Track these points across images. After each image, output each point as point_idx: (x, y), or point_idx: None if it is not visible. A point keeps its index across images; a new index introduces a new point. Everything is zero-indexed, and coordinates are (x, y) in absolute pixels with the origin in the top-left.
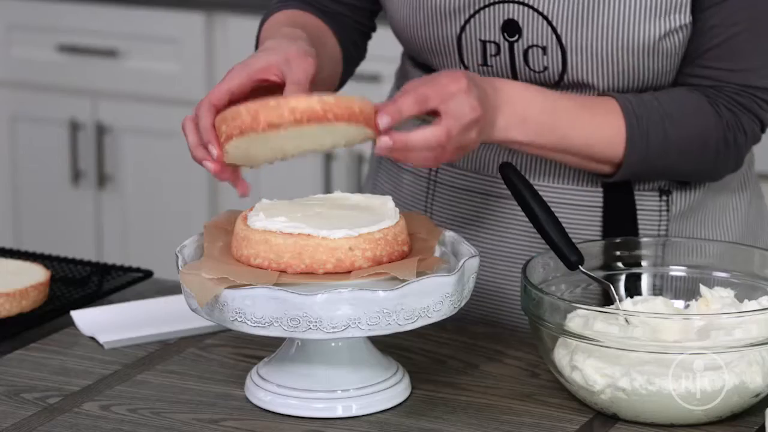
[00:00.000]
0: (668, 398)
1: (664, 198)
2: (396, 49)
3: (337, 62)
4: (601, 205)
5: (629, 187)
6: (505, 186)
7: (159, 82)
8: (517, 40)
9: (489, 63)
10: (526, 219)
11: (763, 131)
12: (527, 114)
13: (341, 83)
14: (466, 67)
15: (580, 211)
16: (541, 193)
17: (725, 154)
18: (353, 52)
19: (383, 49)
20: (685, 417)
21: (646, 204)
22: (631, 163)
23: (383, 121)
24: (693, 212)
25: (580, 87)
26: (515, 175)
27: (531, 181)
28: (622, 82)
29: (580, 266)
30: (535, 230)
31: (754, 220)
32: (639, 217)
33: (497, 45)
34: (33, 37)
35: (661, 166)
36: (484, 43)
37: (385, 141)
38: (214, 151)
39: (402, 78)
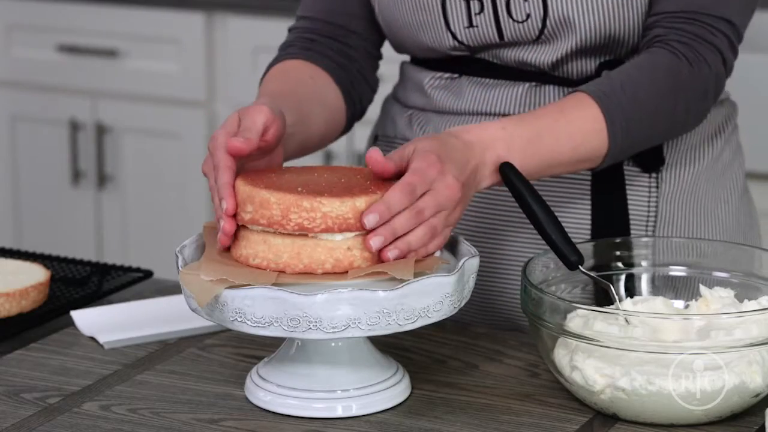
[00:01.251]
0: (668, 398)
1: (654, 175)
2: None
3: (338, 110)
4: (589, 178)
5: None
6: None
7: (159, 82)
8: None
9: (474, 23)
10: (526, 219)
11: (726, 65)
12: (511, 154)
13: (350, 121)
14: (453, 34)
15: (569, 183)
16: None
17: (694, 101)
18: (363, 89)
19: (383, 48)
20: (685, 417)
21: (636, 180)
22: (616, 145)
23: (369, 220)
24: (684, 197)
25: (562, 30)
26: (515, 175)
27: None
28: (603, 17)
29: (580, 266)
30: (535, 231)
31: (744, 217)
32: (629, 192)
33: (480, 1)
34: (33, 37)
35: (643, 135)
36: (467, 1)
37: (377, 240)
38: (226, 204)
39: (404, 89)
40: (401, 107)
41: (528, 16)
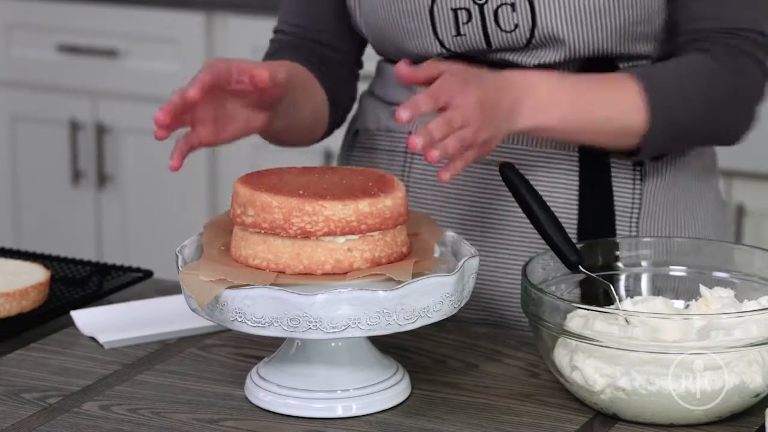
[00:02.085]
0: (668, 398)
1: (638, 168)
2: None
3: (323, 108)
4: (577, 167)
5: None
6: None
7: (159, 82)
8: (486, 2)
9: (462, 32)
10: (525, 217)
11: (766, 76)
12: (553, 99)
13: (332, 126)
14: (440, 42)
15: (556, 173)
16: (517, 156)
17: (737, 104)
18: (343, 96)
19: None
20: (685, 417)
21: (621, 171)
22: (656, 126)
23: (402, 115)
24: (667, 191)
25: (551, 43)
26: (515, 175)
27: (509, 143)
28: (592, 31)
29: (580, 266)
30: (534, 229)
31: (720, 215)
32: (614, 182)
33: (468, 11)
34: (33, 37)
35: (684, 126)
36: (455, 11)
37: (419, 140)
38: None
39: (383, 86)
40: (382, 103)
41: (516, 26)
